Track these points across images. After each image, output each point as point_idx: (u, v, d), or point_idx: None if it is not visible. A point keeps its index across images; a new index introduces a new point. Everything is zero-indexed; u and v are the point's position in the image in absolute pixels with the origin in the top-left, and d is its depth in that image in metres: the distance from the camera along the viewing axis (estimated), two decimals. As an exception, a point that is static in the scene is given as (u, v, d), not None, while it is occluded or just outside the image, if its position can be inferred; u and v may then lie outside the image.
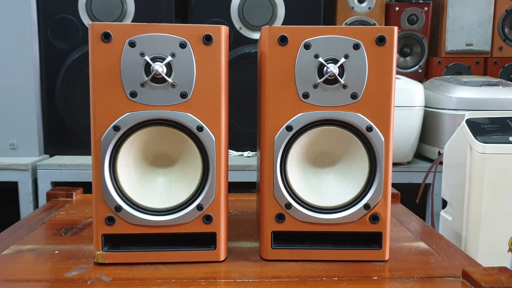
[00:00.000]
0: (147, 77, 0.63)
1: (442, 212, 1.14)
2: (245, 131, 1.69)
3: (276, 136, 0.65)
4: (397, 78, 1.57)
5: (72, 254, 0.69)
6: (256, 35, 1.67)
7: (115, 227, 0.65)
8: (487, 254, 0.99)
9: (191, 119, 0.64)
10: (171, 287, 0.59)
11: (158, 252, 0.66)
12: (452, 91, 1.56)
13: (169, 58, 0.63)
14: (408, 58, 2.25)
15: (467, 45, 2.20)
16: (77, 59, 1.61)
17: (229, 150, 1.47)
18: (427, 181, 1.39)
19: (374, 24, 2.10)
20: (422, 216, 1.64)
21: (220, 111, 0.64)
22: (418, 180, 1.57)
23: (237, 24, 1.67)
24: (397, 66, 2.21)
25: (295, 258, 0.67)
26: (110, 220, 0.64)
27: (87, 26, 1.03)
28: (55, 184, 1.56)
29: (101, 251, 0.65)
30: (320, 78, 0.64)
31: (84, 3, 1.62)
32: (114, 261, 0.65)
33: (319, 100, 0.65)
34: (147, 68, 0.63)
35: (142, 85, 0.63)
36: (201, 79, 0.63)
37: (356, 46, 0.64)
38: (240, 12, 1.66)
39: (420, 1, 2.18)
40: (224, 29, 0.64)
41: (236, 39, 1.66)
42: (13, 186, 1.55)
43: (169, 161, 0.68)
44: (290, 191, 0.67)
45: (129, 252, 0.66)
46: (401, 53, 2.24)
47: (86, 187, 0.96)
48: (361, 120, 0.65)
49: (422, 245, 0.75)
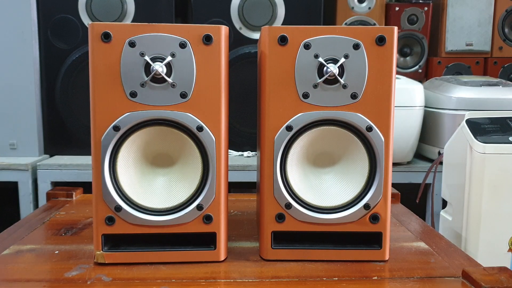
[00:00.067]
0: (147, 77, 0.63)
1: (442, 212, 1.14)
2: (245, 131, 1.69)
3: (276, 136, 0.65)
4: (397, 78, 1.57)
5: (72, 254, 0.69)
6: (256, 35, 1.67)
7: (115, 227, 0.65)
8: (487, 254, 0.98)
9: (191, 119, 0.64)
10: (171, 287, 0.59)
11: (158, 252, 0.66)
12: (452, 91, 1.56)
13: (169, 58, 0.63)
14: (408, 58, 2.25)
15: (467, 45, 2.20)
16: (77, 59, 1.61)
17: (229, 150, 1.47)
18: (427, 181, 1.39)
19: (374, 24, 2.10)
20: (422, 216, 1.64)
21: (220, 111, 0.64)
22: (418, 180, 1.57)
23: (237, 24, 1.67)
24: (397, 66, 2.21)
25: (295, 258, 0.67)
26: (110, 220, 0.64)
27: (87, 26, 1.03)
28: (55, 184, 1.56)
29: (101, 251, 0.65)
30: (320, 78, 0.64)
31: (84, 3, 1.62)
32: (114, 261, 0.65)
33: (319, 100, 0.65)
34: (147, 68, 0.63)
35: (142, 85, 0.63)
36: (201, 79, 0.63)
37: (356, 46, 0.64)
38: (240, 12, 1.66)
39: (420, 1, 2.18)
40: (224, 29, 0.64)
41: (236, 39, 1.66)
42: (13, 186, 1.55)
43: (169, 161, 0.68)
44: (290, 191, 0.67)
45: (129, 252, 0.66)
46: (401, 53, 2.24)
47: (86, 187, 0.96)
48: (361, 120, 0.65)
49: (422, 245, 0.75)
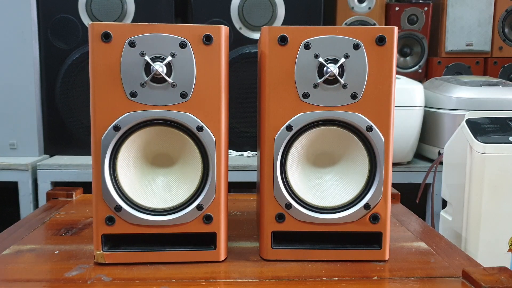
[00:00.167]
0: (147, 77, 0.63)
1: (442, 212, 1.14)
2: (245, 131, 1.69)
3: (276, 136, 0.65)
4: (397, 78, 1.56)
5: (72, 254, 0.69)
6: (256, 35, 1.67)
7: (115, 227, 0.65)
8: (487, 254, 0.98)
9: (191, 119, 0.64)
10: (171, 287, 0.59)
11: (158, 252, 0.66)
12: (452, 91, 1.56)
13: (169, 58, 0.63)
14: (408, 58, 2.25)
15: (467, 45, 2.20)
16: (77, 59, 1.61)
17: (229, 150, 1.47)
18: (427, 181, 1.39)
19: (374, 24, 2.10)
20: (422, 216, 1.64)
21: (220, 111, 0.64)
22: (418, 180, 1.57)
23: (237, 24, 1.67)
24: (397, 66, 2.20)
25: (295, 258, 0.67)
26: (110, 220, 0.64)
27: (87, 26, 1.03)
28: (55, 184, 1.56)
29: (101, 251, 0.65)
30: (320, 78, 0.64)
31: (84, 3, 1.62)
32: (114, 261, 0.65)
33: (319, 100, 0.65)
34: (147, 68, 0.63)
35: (142, 85, 0.63)
36: (201, 79, 0.63)
37: (356, 46, 0.64)
38: (240, 12, 1.66)
39: (420, 1, 2.18)
40: (224, 29, 0.64)
41: (236, 39, 1.66)
42: (13, 186, 1.55)
43: (169, 161, 0.68)
44: (290, 191, 0.66)
45: (129, 252, 0.66)
46: (401, 53, 2.24)
47: (86, 187, 0.96)
48: (361, 120, 0.65)
49: (422, 245, 0.75)
